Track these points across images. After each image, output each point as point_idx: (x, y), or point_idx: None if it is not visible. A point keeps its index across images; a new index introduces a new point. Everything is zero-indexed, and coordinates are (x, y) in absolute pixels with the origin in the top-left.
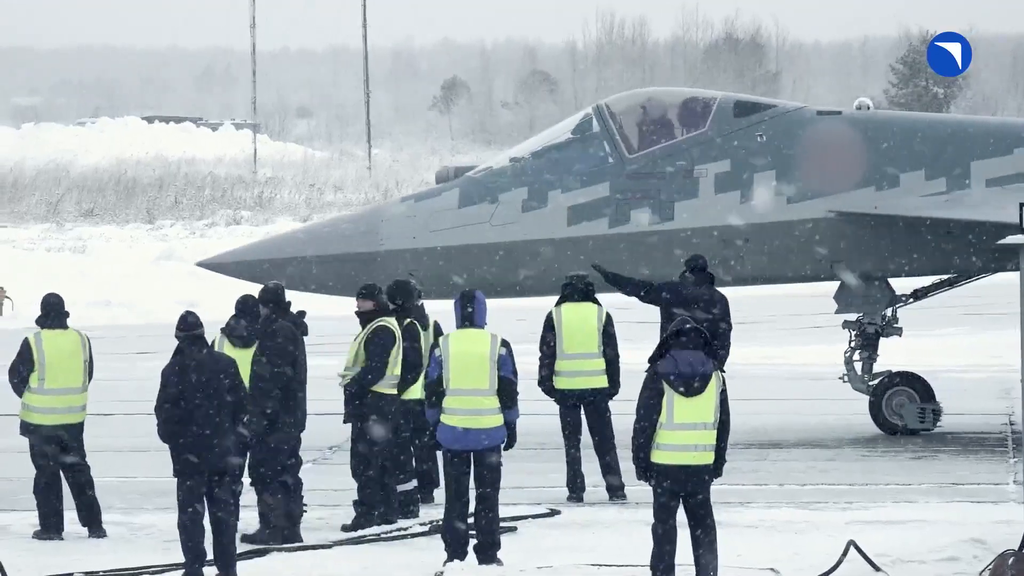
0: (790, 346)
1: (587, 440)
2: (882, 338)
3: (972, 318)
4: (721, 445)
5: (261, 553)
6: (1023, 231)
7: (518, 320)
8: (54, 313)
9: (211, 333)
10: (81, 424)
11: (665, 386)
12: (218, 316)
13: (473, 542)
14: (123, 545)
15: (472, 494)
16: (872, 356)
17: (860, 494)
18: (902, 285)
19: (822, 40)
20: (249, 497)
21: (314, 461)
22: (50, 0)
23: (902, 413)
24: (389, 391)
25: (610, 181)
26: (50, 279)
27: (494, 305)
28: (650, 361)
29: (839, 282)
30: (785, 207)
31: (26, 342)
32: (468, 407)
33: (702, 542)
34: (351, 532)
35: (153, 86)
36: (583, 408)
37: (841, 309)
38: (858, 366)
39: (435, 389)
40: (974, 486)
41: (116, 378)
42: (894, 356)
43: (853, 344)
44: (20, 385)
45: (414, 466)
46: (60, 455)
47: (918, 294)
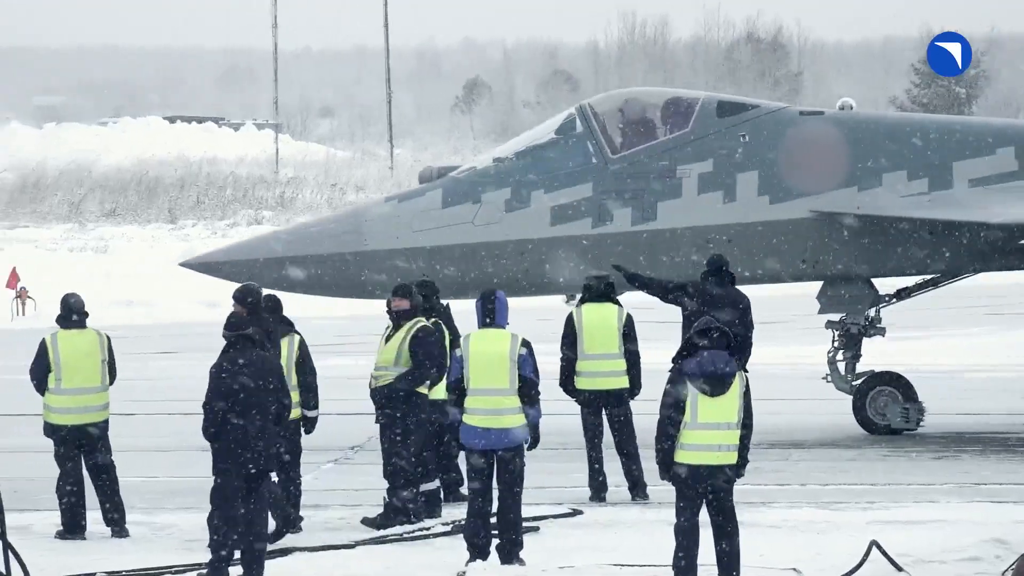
0: (811, 346)
1: (609, 440)
2: (865, 338)
3: (995, 318)
4: (744, 445)
5: (284, 553)
6: None
7: (540, 320)
8: (72, 313)
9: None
10: (104, 423)
11: (689, 386)
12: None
13: (495, 542)
14: (145, 545)
15: (494, 494)
16: (856, 356)
17: (882, 494)
18: (886, 285)
19: (844, 40)
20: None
21: (336, 461)
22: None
23: (886, 413)
24: (424, 390)
25: (593, 181)
26: (72, 279)
27: (515, 304)
28: (674, 361)
29: (822, 282)
30: (768, 207)
31: (43, 343)
32: (489, 407)
33: (725, 542)
34: (374, 528)
35: (175, 86)
36: (604, 408)
37: (824, 309)
38: (841, 366)
39: (456, 389)
40: (996, 486)
41: (136, 378)
42: (921, 356)
43: (836, 344)
44: (39, 385)
45: (437, 466)
46: (84, 455)
47: (901, 294)
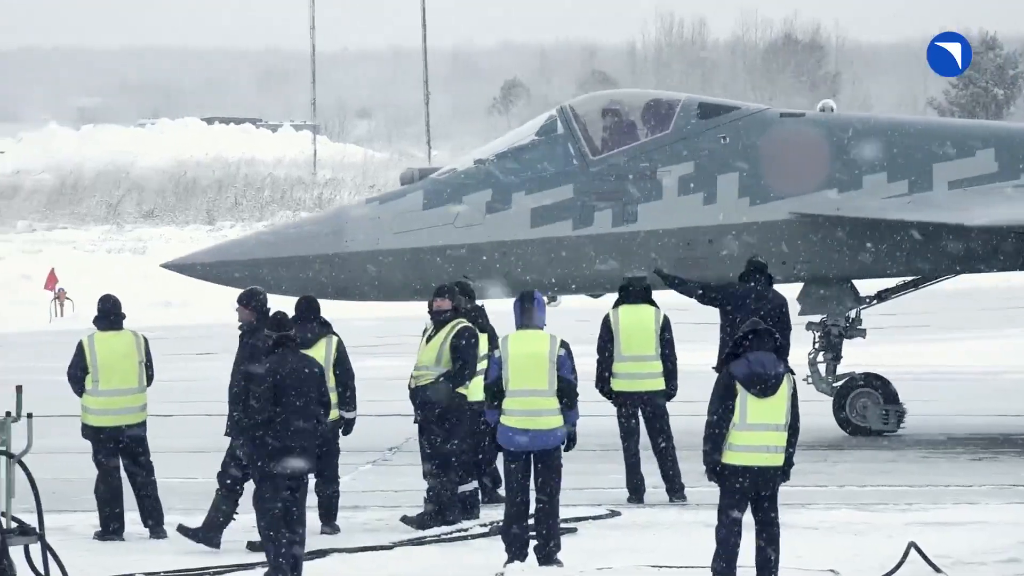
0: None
1: (646, 441)
2: (846, 339)
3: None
4: (791, 447)
5: (322, 554)
6: None
7: (578, 321)
8: (110, 314)
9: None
10: (142, 424)
11: (738, 387)
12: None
13: (533, 543)
14: (183, 546)
15: (532, 495)
16: (836, 358)
17: (920, 495)
18: (866, 287)
19: (882, 40)
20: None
21: (374, 462)
22: (110, 1)
23: (866, 415)
24: (464, 391)
25: (574, 183)
26: (110, 280)
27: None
28: (723, 362)
29: (803, 284)
30: (748, 209)
31: (80, 344)
32: (528, 408)
33: (766, 544)
34: (413, 527)
35: (213, 87)
36: (641, 410)
37: (805, 311)
38: (822, 368)
39: (495, 390)
40: None
41: (174, 379)
42: (959, 357)
43: (817, 346)
44: (77, 387)
45: (475, 467)
46: (122, 456)
47: (882, 296)
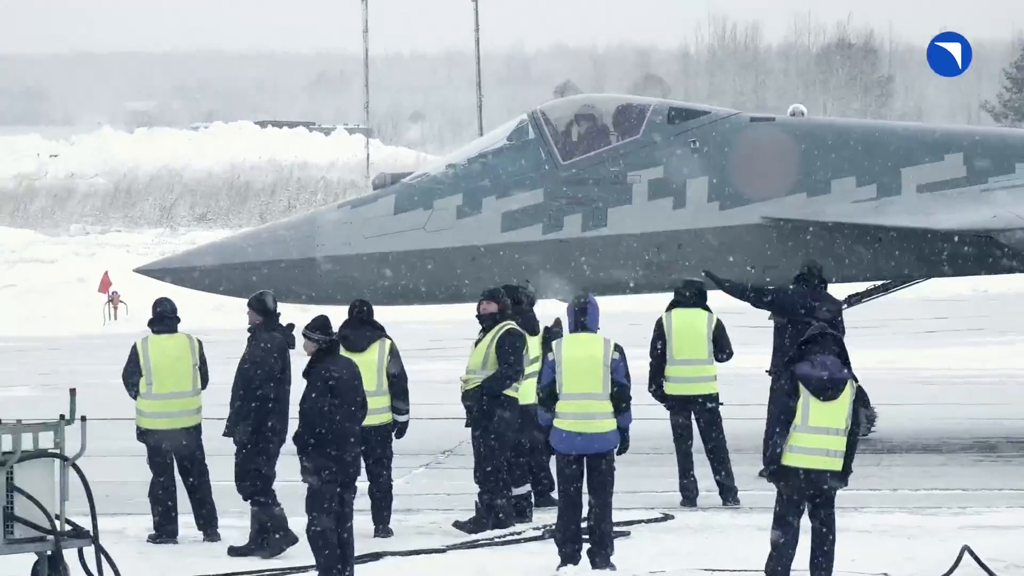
0: (904, 350)
1: (699, 445)
2: None
3: None
4: (850, 453)
5: (375, 557)
6: None
7: (631, 325)
8: (164, 317)
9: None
10: (196, 428)
11: (801, 389)
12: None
13: (586, 547)
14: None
15: (585, 498)
16: None
17: (974, 499)
18: (837, 291)
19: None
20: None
21: (427, 465)
22: (165, 4)
23: None
24: (514, 393)
25: (544, 187)
26: (164, 283)
27: (606, 309)
28: (784, 365)
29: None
30: (718, 213)
31: (134, 348)
32: (581, 411)
33: (822, 548)
34: (466, 532)
35: (266, 91)
36: (694, 413)
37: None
38: None
39: (548, 393)
40: None
41: (229, 382)
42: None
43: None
44: (131, 390)
45: (528, 471)
46: (177, 459)
47: (852, 300)
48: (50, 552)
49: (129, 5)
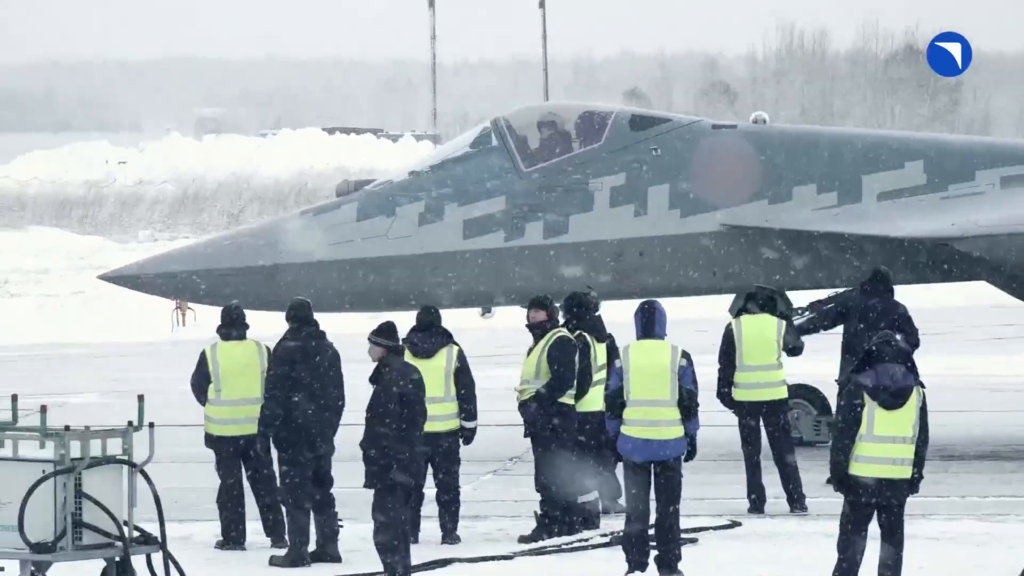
0: (972, 356)
1: (767, 451)
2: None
3: None
4: (919, 460)
5: (443, 563)
6: None
7: (697, 331)
8: (232, 324)
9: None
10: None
11: (866, 398)
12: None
13: (654, 553)
14: None
15: (652, 505)
16: None
17: None
18: (799, 297)
19: (1005, 50)
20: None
21: (494, 472)
22: (233, 11)
23: (798, 426)
24: (570, 401)
25: (506, 195)
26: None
27: (673, 316)
28: (852, 372)
29: (734, 295)
30: (679, 220)
31: (203, 354)
32: (649, 418)
33: (890, 557)
34: (528, 543)
35: (334, 97)
36: (762, 419)
37: None
38: None
39: (616, 400)
40: None
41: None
42: None
43: None
44: (200, 396)
45: (594, 478)
46: (244, 465)
47: (814, 307)
48: (118, 558)
49: (198, 12)
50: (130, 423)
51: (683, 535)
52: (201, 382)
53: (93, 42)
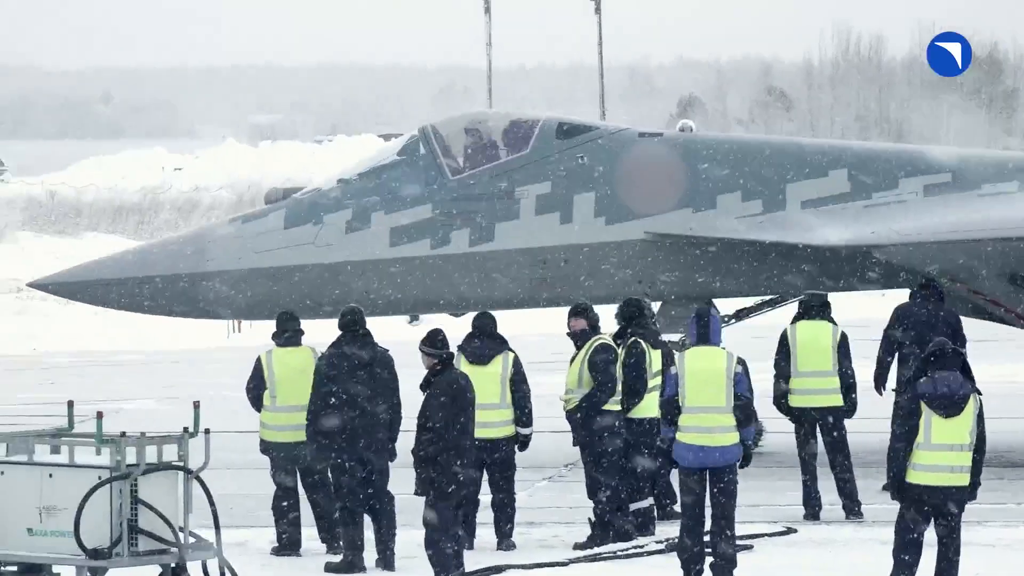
0: (1017, 364)
1: (823, 458)
2: None
3: None
4: (977, 468)
5: (498, 570)
6: None
7: (753, 338)
8: (287, 331)
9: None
10: None
11: (923, 406)
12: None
13: (709, 560)
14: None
15: (708, 512)
16: None
17: None
18: (725, 305)
19: None
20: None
21: (550, 479)
22: (288, 18)
23: None
24: (615, 407)
25: (432, 203)
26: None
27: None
28: (908, 381)
29: (660, 303)
30: (603, 228)
31: (258, 360)
32: (704, 425)
33: (947, 564)
34: (584, 550)
35: (389, 104)
36: (818, 426)
37: (664, 330)
38: None
39: (671, 407)
40: None
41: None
42: None
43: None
44: (255, 403)
45: (650, 484)
46: (300, 472)
47: (740, 315)
48: (174, 564)
49: (253, 19)
50: (186, 429)
51: (739, 541)
52: (257, 389)
53: (149, 50)
